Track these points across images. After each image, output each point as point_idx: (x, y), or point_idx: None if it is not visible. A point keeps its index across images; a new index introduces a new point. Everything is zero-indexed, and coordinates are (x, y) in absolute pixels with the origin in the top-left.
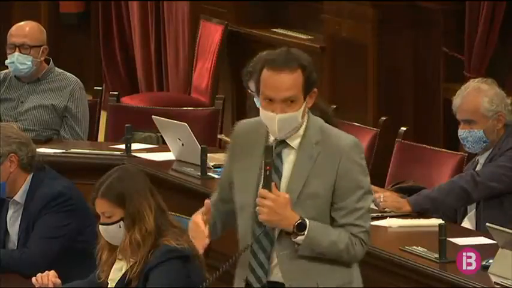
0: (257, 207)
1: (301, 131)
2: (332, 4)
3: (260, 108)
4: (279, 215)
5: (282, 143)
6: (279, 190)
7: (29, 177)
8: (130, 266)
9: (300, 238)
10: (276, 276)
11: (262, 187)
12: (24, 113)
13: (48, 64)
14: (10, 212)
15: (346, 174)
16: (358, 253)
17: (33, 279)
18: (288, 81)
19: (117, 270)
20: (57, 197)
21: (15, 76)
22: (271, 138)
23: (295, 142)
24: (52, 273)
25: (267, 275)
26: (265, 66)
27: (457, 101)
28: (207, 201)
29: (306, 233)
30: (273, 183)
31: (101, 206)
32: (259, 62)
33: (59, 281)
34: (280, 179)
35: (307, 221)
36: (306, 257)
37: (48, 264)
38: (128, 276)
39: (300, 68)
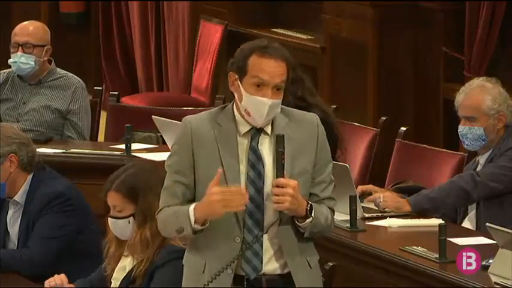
0: (276, 197)
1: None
2: (332, 4)
3: (245, 94)
4: (298, 202)
5: (257, 131)
6: (265, 178)
7: (29, 178)
8: (137, 263)
9: (308, 221)
10: (264, 268)
11: (277, 176)
12: (26, 114)
13: (50, 65)
14: (10, 212)
15: (323, 146)
16: (333, 224)
17: (46, 282)
18: (280, 67)
19: (121, 270)
20: (57, 197)
21: (17, 76)
22: (244, 129)
23: (268, 129)
24: (63, 277)
25: (262, 265)
26: (255, 52)
27: (460, 97)
28: (219, 170)
29: (313, 214)
30: (285, 172)
31: (113, 199)
32: (245, 49)
33: (72, 285)
34: (264, 167)
35: (309, 202)
36: (292, 239)
37: (48, 264)
38: (133, 274)
39: (285, 61)
